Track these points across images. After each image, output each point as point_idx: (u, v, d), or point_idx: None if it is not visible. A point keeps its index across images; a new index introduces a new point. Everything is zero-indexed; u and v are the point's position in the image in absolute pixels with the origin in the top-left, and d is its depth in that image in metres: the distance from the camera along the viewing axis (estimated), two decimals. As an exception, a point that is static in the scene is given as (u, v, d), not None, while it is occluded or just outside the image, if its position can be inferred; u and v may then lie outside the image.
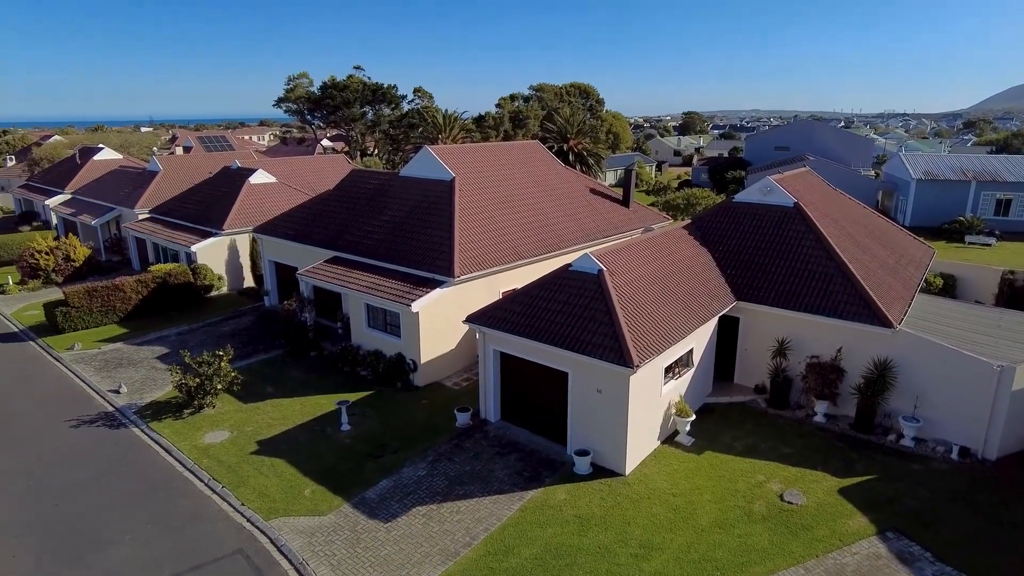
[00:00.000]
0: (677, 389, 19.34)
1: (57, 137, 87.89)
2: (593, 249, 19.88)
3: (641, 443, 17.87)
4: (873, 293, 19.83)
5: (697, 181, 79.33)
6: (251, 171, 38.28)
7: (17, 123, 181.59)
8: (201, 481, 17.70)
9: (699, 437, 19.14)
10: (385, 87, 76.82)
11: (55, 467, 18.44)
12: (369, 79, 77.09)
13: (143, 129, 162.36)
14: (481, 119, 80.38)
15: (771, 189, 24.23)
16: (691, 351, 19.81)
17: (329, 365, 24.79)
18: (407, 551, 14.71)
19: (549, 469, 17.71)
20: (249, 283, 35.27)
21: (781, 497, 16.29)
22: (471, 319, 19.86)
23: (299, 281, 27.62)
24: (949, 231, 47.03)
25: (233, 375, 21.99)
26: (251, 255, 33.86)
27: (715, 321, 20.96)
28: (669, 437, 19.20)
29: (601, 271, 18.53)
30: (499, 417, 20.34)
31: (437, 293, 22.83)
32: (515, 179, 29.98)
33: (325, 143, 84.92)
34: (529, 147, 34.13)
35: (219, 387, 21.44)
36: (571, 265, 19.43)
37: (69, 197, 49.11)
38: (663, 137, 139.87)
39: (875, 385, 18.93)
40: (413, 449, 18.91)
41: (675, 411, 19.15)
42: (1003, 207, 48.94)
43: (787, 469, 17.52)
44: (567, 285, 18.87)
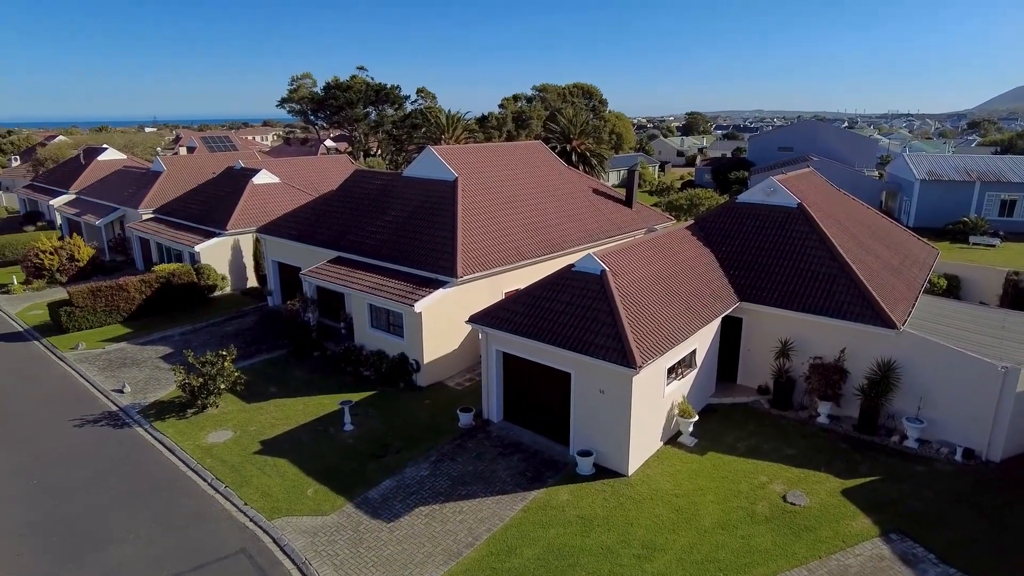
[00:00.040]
0: (680, 390, 19.32)
1: (61, 137, 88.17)
2: (596, 249, 19.87)
3: (644, 444, 17.85)
4: (877, 294, 19.79)
5: (700, 181, 79.19)
6: (254, 171, 38.36)
7: (20, 123, 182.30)
8: (204, 481, 17.74)
9: (702, 438, 19.12)
10: (388, 87, 76.75)
11: (59, 466, 18.50)
12: (372, 79, 77.08)
13: (147, 129, 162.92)
14: (484, 119, 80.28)
15: (775, 190, 24.19)
16: (694, 352, 19.79)
17: (332, 365, 24.82)
18: (410, 551, 14.72)
19: (552, 469, 17.71)
20: (252, 283, 35.32)
21: (784, 498, 16.26)
22: (474, 319, 19.87)
23: (302, 281, 27.66)
24: (953, 232, 46.91)
25: (236, 375, 22.05)
26: (254, 255, 33.94)
27: (718, 322, 20.93)
28: (672, 438, 19.18)
29: (604, 271, 18.52)
30: (502, 417, 20.34)
31: (440, 293, 22.85)
32: (518, 179, 29.98)
33: (328, 143, 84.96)
34: (532, 147, 34.13)
35: (222, 387, 21.51)
36: (574, 265, 19.42)
37: (73, 197, 49.30)
38: (666, 137, 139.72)
39: (879, 386, 18.87)
40: (416, 449, 18.93)
41: (678, 412, 19.13)
42: (1008, 208, 48.79)
43: (790, 470, 17.49)
44: (570, 285, 18.86)
